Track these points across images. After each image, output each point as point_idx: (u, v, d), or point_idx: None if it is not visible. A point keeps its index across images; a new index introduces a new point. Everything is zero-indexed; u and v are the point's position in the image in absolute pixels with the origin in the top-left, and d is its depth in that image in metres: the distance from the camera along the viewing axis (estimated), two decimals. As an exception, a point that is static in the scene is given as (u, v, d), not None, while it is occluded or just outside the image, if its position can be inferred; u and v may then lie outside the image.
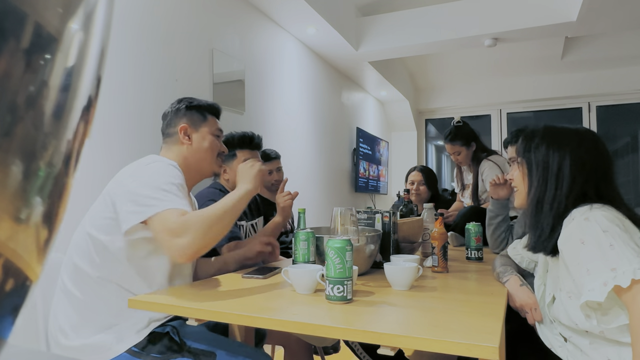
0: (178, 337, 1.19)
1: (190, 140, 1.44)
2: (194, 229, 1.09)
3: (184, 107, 1.47)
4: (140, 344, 1.17)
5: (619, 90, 5.18)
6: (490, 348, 0.74)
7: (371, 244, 1.40)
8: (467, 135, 2.64)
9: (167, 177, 1.22)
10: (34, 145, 0.21)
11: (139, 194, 1.16)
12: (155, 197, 1.15)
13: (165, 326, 1.21)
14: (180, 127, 1.43)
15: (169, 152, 1.43)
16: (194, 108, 1.47)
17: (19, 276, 0.23)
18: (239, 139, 2.09)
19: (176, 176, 1.25)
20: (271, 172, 2.47)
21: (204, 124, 1.47)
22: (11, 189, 0.21)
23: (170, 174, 1.24)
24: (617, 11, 3.16)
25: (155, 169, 1.25)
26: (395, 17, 3.85)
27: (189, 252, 1.09)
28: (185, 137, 1.43)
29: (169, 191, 1.17)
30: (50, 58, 0.21)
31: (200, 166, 1.45)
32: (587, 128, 1.20)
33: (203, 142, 1.46)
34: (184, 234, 1.08)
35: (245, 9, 2.90)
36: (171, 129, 1.45)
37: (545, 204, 1.11)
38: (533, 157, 1.16)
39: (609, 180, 1.11)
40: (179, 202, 1.15)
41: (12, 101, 0.20)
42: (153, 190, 1.16)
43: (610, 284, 0.89)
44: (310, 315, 0.96)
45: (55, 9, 0.21)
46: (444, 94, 6.11)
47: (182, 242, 1.08)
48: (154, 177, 1.21)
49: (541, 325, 1.20)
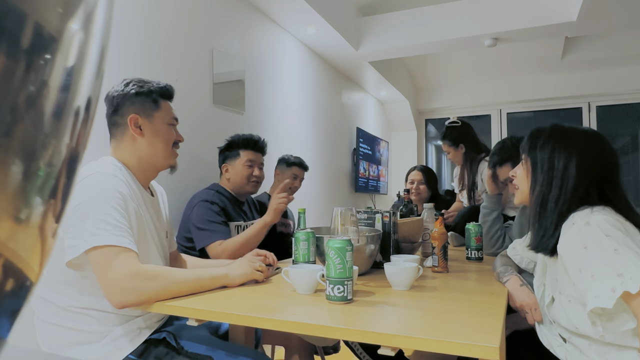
0: (175, 341, 1.16)
1: (142, 131, 1.27)
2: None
3: (132, 93, 1.28)
4: (137, 351, 1.14)
5: (619, 90, 5.18)
6: (490, 348, 0.74)
7: (371, 244, 1.40)
8: (457, 137, 2.71)
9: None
10: (34, 145, 0.21)
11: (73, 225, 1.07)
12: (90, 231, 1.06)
13: (162, 332, 1.19)
14: (130, 117, 1.26)
15: (119, 150, 1.27)
16: (143, 94, 1.29)
17: (19, 276, 0.23)
18: (244, 140, 2.11)
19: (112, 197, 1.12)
20: (296, 177, 2.61)
21: (156, 112, 1.30)
22: (11, 189, 0.21)
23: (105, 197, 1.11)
24: (617, 11, 3.16)
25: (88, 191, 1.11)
26: (395, 17, 3.85)
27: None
28: (137, 129, 1.26)
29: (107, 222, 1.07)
30: (50, 58, 0.21)
31: (154, 161, 1.30)
32: (595, 130, 1.18)
33: (157, 135, 1.29)
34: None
35: (245, 9, 2.90)
36: (118, 118, 1.27)
37: (549, 203, 1.11)
38: (539, 155, 1.15)
39: (615, 182, 1.10)
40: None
41: (12, 101, 0.20)
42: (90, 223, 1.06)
43: (619, 290, 0.87)
44: (310, 315, 0.96)
45: (55, 9, 0.21)
46: (444, 94, 6.11)
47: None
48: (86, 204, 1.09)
49: (540, 326, 1.20)
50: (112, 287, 1.03)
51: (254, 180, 2.09)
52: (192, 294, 1.13)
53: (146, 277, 1.05)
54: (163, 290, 1.07)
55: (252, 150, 2.11)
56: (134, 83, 1.30)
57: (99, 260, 1.05)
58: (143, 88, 1.29)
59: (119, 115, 1.27)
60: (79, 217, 1.06)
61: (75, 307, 1.13)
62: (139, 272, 1.05)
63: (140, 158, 1.28)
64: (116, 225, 1.08)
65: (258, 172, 2.11)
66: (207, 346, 1.16)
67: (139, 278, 1.04)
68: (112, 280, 1.03)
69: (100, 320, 1.13)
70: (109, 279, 1.04)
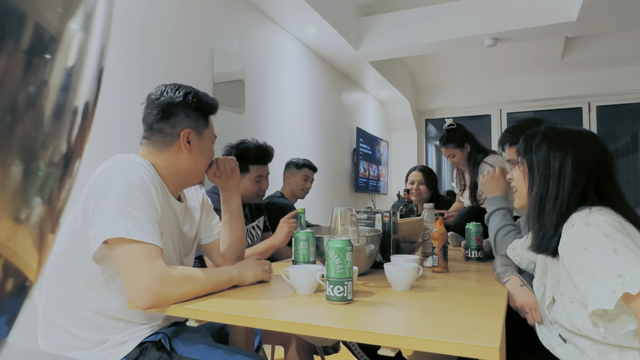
0: (169, 345, 1.12)
1: (191, 148, 1.20)
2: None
3: (191, 106, 1.20)
4: (132, 354, 1.11)
5: (619, 90, 5.18)
6: (490, 349, 0.74)
7: (371, 244, 1.39)
8: (460, 137, 2.67)
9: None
10: (34, 145, 0.21)
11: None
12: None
13: (158, 333, 1.15)
14: (184, 131, 1.18)
15: (154, 157, 1.19)
16: (201, 109, 1.22)
17: (18, 277, 0.23)
18: (255, 155, 2.04)
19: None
20: (307, 178, 2.64)
21: (206, 130, 1.25)
22: (11, 189, 0.21)
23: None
24: (617, 11, 3.16)
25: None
26: (395, 17, 3.85)
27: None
28: (187, 144, 1.19)
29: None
30: (50, 58, 0.21)
31: (191, 177, 1.25)
32: (588, 129, 1.19)
33: (203, 153, 1.24)
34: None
35: (245, 9, 2.90)
36: (167, 127, 1.18)
37: (547, 203, 1.11)
38: (534, 157, 1.15)
39: (611, 179, 1.10)
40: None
41: (12, 101, 0.20)
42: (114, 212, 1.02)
43: (619, 291, 0.87)
44: (310, 315, 0.96)
45: (55, 9, 0.21)
46: (444, 94, 6.11)
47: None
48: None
49: (540, 326, 1.20)
50: (140, 289, 0.99)
51: (260, 195, 2.09)
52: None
53: (174, 282, 1.03)
54: (187, 294, 1.06)
55: (262, 164, 2.08)
56: (192, 94, 1.21)
57: (125, 256, 1.01)
58: (201, 103, 1.22)
59: (169, 124, 1.18)
60: (105, 206, 1.02)
61: (93, 311, 1.10)
62: (167, 276, 1.02)
63: (178, 172, 1.21)
64: (140, 218, 1.03)
65: (265, 185, 2.10)
66: (204, 349, 1.13)
67: (168, 283, 1.01)
68: (140, 282, 0.99)
69: (103, 327, 1.11)
70: (136, 280, 1.00)
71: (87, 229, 1.05)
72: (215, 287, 1.14)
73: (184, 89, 1.22)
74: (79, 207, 1.09)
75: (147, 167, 1.13)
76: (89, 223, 1.04)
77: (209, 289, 1.12)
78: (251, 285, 1.26)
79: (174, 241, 1.25)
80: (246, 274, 1.22)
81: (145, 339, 1.14)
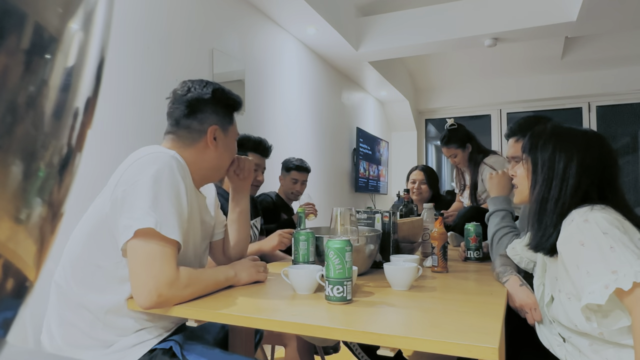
0: (181, 354, 1.10)
1: (217, 143, 1.21)
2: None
3: (220, 102, 1.20)
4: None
5: (619, 90, 5.18)
6: (489, 349, 0.74)
7: (371, 244, 1.39)
8: (462, 137, 2.67)
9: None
10: (34, 145, 0.21)
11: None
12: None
13: (169, 341, 1.13)
14: (211, 127, 1.18)
15: (183, 153, 1.17)
16: (228, 106, 1.22)
17: (18, 277, 0.23)
18: (254, 143, 2.07)
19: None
20: (296, 181, 2.62)
21: (230, 127, 1.25)
22: (11, 189, 0.21)
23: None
24: (617, 11, 3.16)
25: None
26: (395, 17, 3.86)
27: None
28: (214, 140, 1.19)
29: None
30: (50, 58, 0.21)
31: (213, 173, 1.26)
32: (595, 131, 1.18)
33: (227, 150, 1.24)
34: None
35: (245, 9, 2.90)
36: (195, 123, 1.18)
37: (549, 203, 1.11)
38: (539, 155, 1.15)
39: (614, 183, 1.10)
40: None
41: (12, 101, 0.20)
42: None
43: (612, 286, 0.89)
44: (309, 315, 0.96)
45: (55, 9, 0.21)
46: (444, 94, 6.11)
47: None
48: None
49: (540, 326, 1.20)
50: (148, 290, 0.98)
51: (255, 185, 2.10)
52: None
53: (180, 286, 1.02)
54: (190, 296, 1.06)
55: (260, 154, 2.10)
56: (220, 90, 1.21)
57: (142, 250, 0.99)
58: (229, 100, 1.22)
59: (197, 120, 1.18)
60: (137, 196, 1.00)
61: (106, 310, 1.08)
62: (176, 280, 1.01)
63: (202, 167, 1.21)
64: (169, 212, 1.02)
65: (261, 177, 2.12)
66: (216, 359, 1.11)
67: (175, 287, 1.01)
68: (149, 283, 0.99)
69: (113, 327, 1.09)
70: (146, 280, 0.99)
71: (117, 218, 1.03)
72: (213, 287, 1.15)
73: (211, 85, 1.21)
74: (107, 196, 1.07)
75: (180, 160, 1.12)
76: (118, 212, 1.03)
77: (208, 290, 1.13)
78: (249, 285, 1.26)
79: (196, 232, 1.24)
80: (241, 274, 1.23)
81: (156, 345, 1.12)
